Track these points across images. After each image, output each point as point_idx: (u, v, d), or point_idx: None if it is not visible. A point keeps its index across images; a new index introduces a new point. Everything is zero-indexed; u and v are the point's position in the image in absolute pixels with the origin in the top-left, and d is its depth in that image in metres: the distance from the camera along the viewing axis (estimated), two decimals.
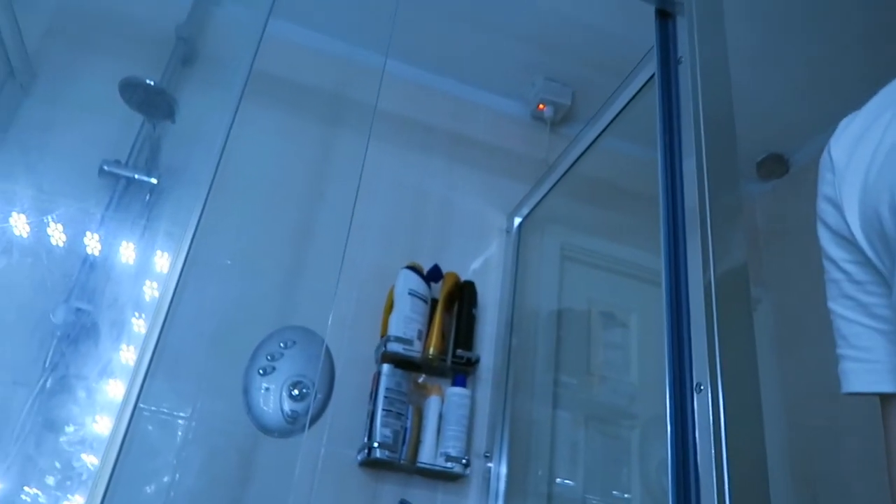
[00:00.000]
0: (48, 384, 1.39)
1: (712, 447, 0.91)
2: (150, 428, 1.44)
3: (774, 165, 2.09)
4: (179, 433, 1.43)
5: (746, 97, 1.62)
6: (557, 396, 1.66)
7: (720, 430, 0.90)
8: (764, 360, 0.93)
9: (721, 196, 1.03)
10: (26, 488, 1.33)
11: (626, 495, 1.63)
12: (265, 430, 1.44)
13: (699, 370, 0.93)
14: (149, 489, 1.38)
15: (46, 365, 1.40)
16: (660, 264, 1.08)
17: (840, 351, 0.65)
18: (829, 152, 0.67)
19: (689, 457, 0.93)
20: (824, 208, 0.66)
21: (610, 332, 1.78)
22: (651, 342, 1.77)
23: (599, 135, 1.51)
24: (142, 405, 1.39)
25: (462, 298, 1.62)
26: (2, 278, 1.45)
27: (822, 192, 0.67)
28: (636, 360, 1.75)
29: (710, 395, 0.91)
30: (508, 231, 1.82)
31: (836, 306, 0.65)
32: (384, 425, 1.42)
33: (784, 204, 2.09)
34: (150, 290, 1.56)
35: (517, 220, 1.82)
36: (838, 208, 0.64)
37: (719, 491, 0.88)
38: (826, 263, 0.67)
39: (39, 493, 1.34)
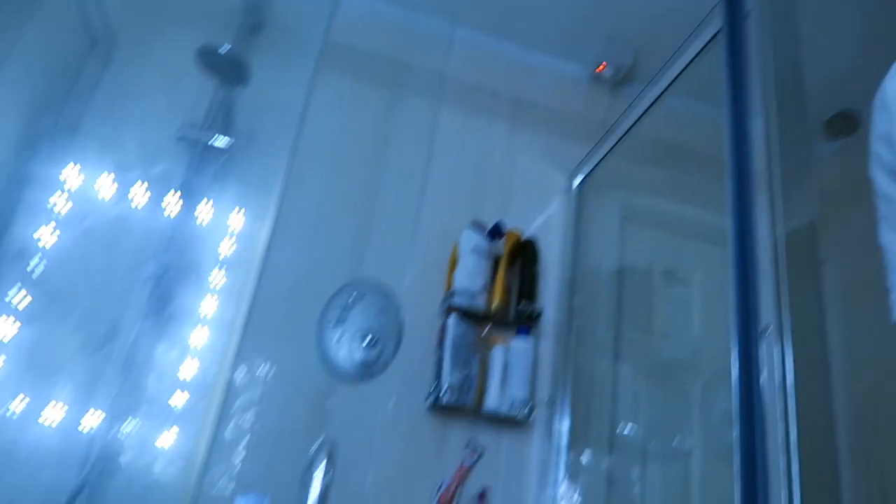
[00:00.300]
0: (142, 330, 1.52)
1: (777, 392, 0.94)
2: (237, 373, 1.56)
3: (843, 123, 2.05)
4: (261, 379, 1.55)
5: (814, 52, 1.59)
6: (619, 351, 1.71)
7: (785, 374, 0.93)
8: (830, 323, 0.95)
9: (789, 155, 1.04)
10: (127, 421, 1.48)
11: (686, 445, 1.67)
12: (338, 376, 1.54)
13: (766, 314, 0.95)
14: (235, 428, 1.51)
15: (140, 313, 1.53)
16: (725, 223, 1.10)
17: (891, 283, 0.67)
18: (883, 92, 0.69)
19: (755, 404, 0.96)
20: (879, 146, 0.68)
21: (671, 290, 1.81)
22: (713, 300, 1.79)
23: (662, 94, 1.52)
24: (234, 352, 1.52)
25: (524, 255, 1.67)
26: (93, 236, 1.58)
27: (877, 131, 0.69)
28: (698, 318, 1.78)
29: (776, 339, 0.94)
30: (568, 191, 1.86)
31: (888, 241, 0.68)
32: (452, 372, 1.50)
33: (853, 162, 2.04)
34: (227, 247, 1.68)
35: (577, 181, 1.85)
36: (892, 145, 0.66)
37: (785, 437, 0.91)
38: (879, 201, 0.69)
39: (139, 424, 1.48)
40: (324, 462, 0.78)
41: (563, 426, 1.59)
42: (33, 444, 1.40)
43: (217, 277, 1.64)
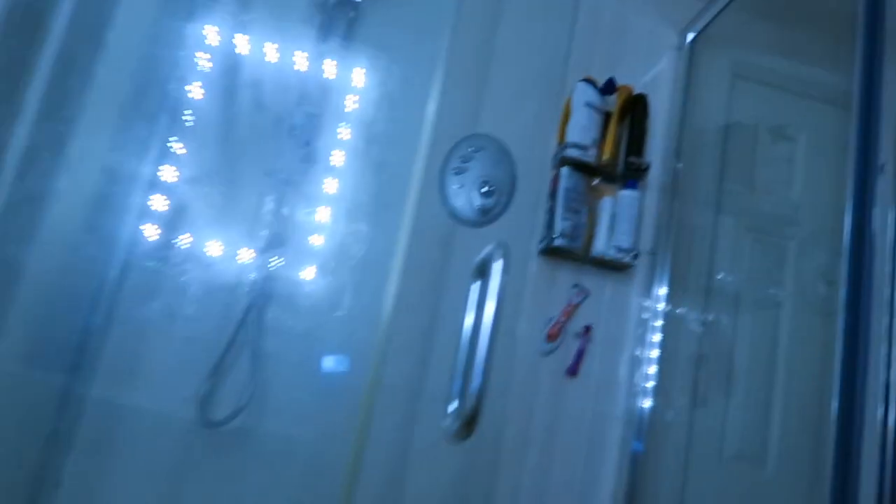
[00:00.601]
0: (285, 177, 1.69)
1: (889, 247, 0.99)
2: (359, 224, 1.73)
3: None
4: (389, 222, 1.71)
5: None
6: (721, 205, 1.78)
7: None
8: None
9: None
10: (273, 259, 1.68)
11: (778, 297, 1.77)
12: (459, 220, 1.69)
13: (884, 152, 1.00)
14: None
15: (281, 161, 1.69)
16: (844, 83, 1.11)
17: None
18: None
19: (864, 258, 1.03)
20: None
21: (777, 147, 1.83)
22: (818, 160, 1.82)
23: None
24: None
25: (635, 110, 1.72)
26: (234, 91, 1.71)
27: None
28: (801, 176, 1.81)
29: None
30: (680, 47, 1.85)
31: None
32: (563, 219, 1.62)
33: None
34: (352, 103, 1.79)
35: (689, 37, 1.84)
36: None
37: (891, 296, 0.97)
38: None
39: (283, 262, 1.69)
40: (500, 261, 0.91)
41: (664, 272, 1.70)
42: (202, 273, 1.63)
43: (344, 132, 1.77)
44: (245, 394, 1.57)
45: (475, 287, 1.02)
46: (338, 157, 1.75)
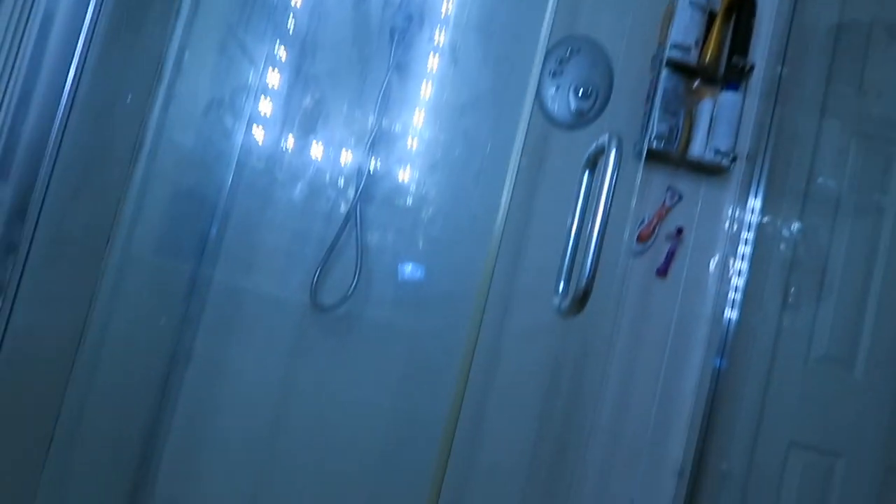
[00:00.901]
0: (385, 77, 1.75)
1: None
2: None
3: None
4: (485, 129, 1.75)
5: None
6: (826, 108, 1.73)
7: None
8: None
9: None
10: (374, 157, 1.76)
11: (882, 202, 1.74)
12: (555, 123, 1.72)
13: None
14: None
15: (387, 61, 1.75)
16: None
17: None
18: None
19: None
20: None
21: (893, 47, 1.74)
22: None
23: None
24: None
25: (742, 8, 1.67)
26: None
27: None
28: None
29: None
30: None
31: None
32: (660, 121, 1.62)
33: None
34: (449, 7, 1.81)
35: None
36: None
37: None
38: None
39: (384, 160, 1.77)
40: (614, 152, 0.95)
41: (762, 176, 1.69)
42: (305, 172, 1.74)
43: (439, 35, 1.80)
44: (351, 283, 1.70)
45: (584, 179, 1.07)
46: (436, 61, 1.79)
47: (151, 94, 1.22)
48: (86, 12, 0.99)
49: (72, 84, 0.97)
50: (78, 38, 0.96)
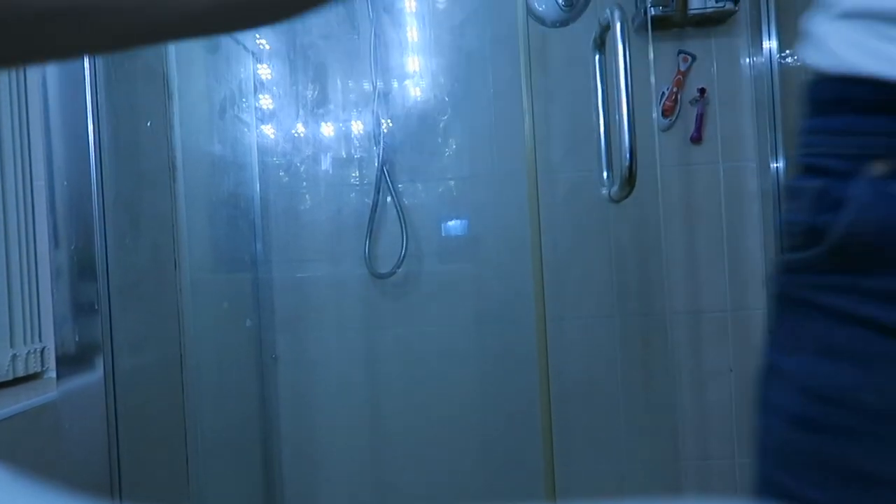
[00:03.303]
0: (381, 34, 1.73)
1: None
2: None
3: None
4: None
5: None
6: None
7: None
8: None
9: None
10: (385, 122, 1.76)
11: None
12: (549, 22, 1.69)
13: None
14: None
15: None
16: None
17: None
18: None
19: None
20: None
21: None
22: None
23: None
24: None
25: None
26: None
27: None
28: None
29: None
30: None
31: None
32: None
33: None
34: None
35: None
36: None
37: None
38: None
39: (391, 121, 1.77)
40: (619, 21, 0.94)
41: (770, 18, 1.63)
42: (327, 154, 1.76)
43: None
44: (401, 244, 1.73)
45: (596, 60, 1.06)
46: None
47: (167, 112, 1.25)
48: (82, 64, 1.01)
49: (94, 134, 1.00)
50: (84, 88, 0.98)
